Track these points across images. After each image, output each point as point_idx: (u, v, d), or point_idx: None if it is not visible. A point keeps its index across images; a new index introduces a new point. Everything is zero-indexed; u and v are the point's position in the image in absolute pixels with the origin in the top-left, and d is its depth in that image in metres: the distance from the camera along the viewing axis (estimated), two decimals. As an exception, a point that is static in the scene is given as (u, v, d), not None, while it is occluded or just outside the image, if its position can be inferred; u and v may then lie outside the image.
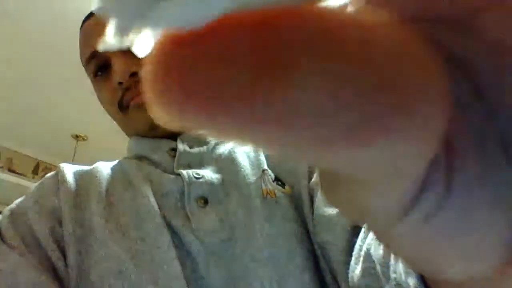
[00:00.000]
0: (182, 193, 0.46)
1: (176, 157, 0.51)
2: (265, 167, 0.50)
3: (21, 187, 3.04)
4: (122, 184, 0.48)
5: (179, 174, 0.48)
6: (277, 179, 0.50)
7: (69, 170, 0.51)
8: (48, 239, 0.43)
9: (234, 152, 0.52)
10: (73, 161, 2.99)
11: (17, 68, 2.26)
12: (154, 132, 0.54)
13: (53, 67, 2.24)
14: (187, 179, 0.47)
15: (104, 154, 0.54)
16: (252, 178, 0.48)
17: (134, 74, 0.51)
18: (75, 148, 2.95)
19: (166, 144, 0.54)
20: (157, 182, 0.48)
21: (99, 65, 0.54)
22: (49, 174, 0.51)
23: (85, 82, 2.27)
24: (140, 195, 0.46)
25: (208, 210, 0.45)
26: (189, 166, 0.50)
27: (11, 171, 3.03)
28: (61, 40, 2.04)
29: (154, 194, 0.46)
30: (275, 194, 0.47)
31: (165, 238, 0.41)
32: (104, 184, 0.48)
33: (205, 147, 0.54)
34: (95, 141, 2.97)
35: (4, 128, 2.87)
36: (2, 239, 0.43)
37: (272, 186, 0.48)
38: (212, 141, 0.55)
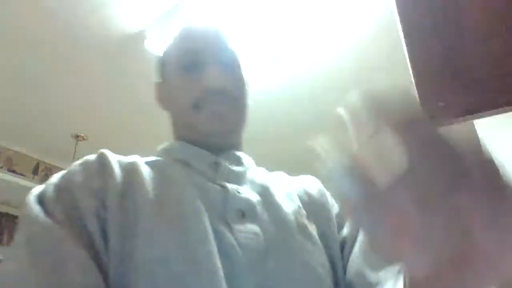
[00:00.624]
0: (224, 203, 0.51)
1: (219, 171, 0.56)
2: (300, 204, 0.57)
3: (21, 187, 3.04)
4: (168, 182, 0.51)
5: (223, 186, 0.53)
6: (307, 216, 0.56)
7: (113, 158, 0.52)
8: (92, 219, 0.44)
9: (267, 180, 0.59)
10: (73, 161, 2.98)
11: (16, 69, 2.26)
12: (209, 140, 0.58)
13: (53, 67, 2.24)
14: (231, 192, 0.52)
15: (104, 154, 0.54)
16: (288, 208, 0.54)
17: (221, 86, 0.57)
18: (75, 148, 2.95)
19: (210, 157, 0.58)
20: (202, 188, 0.51)
21: (194, 62, 0.59)
22: (91, 158, 0.52)
23: (86, 82, 2.27)
24: (187, 195, 0.49)
25: (244, 222, 0.50)
26: (228, 181, 0.55)
27: (11, 171, 3.03)
28: (61, 40, 2.05)
29: (200, 198, 0.49)
30: (308, 228, 0.53)
31: (210, 236, 0.45)
32: (147, 178, 0.50)
33: (241, 168, 0.59)
34: (95, 141, 2.97)
35: (4, 128, 2.88)
36: (46, 211, 0.44)
37: (306, 221, 0.54)
38: (246, 164, 0.61)
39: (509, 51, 0.42)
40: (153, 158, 0.58)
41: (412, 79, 0.49)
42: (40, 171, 3.23)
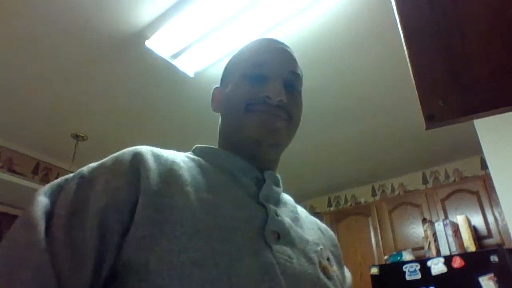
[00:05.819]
0: (263, 223, 0.53)
1: (263, 189, 0.58)
2: (322, 245, 0.60)
3: (21, 187, 3.04)
4: (210, 189, 0.52)
5: (264, 206, 0.55)
6: (328, 259, 0.60)
7: (149, 156, 0.52)
8: (94, 222, 0.44)
9: (295, 209, 0.63)
10: (73, 161, 2.99)
11: (17, 68, 2.26)
12: (254, 149, 0.59)
13: (53, 67, 2.24)
14: (271, 214, 0.55)
15: (104, 154, 0.54)
16: (313, 246, 0.58)
17: (281, 101, 0.59)
18: (75, 148, 2.95)
19: (253, 171, 0.59)
20: (243, 205, 0.54)
21: (259, 74, 0.60)
22: (128, 154, 0.51)
23: (86, 82, 2.26)
24: (228, 207, 0.51)
25: (281, 244, 0.53)
26: (268, 201, 0.57)
27: (11, 171, 3.03)
28: (62, 39, 2.05)
29: (240, 212, 0.51)
30: (329, 270, 0.57)
31: (247, 251, 0.47)
32: (188, 181, 0.51)
33: (279, 189, 0.62)
34: (95, 141, 2.97)
35: (4, 128, 2.88)
36: (54, 203, 0.45)
37: (326, 262, 0.58)
38: (281, 186, 0.63)
39: (509, 51, 0.42)
40: (192, 155, 0.59)
41: (412, 79, 0.49)
42: (40, 171, 3.23)
